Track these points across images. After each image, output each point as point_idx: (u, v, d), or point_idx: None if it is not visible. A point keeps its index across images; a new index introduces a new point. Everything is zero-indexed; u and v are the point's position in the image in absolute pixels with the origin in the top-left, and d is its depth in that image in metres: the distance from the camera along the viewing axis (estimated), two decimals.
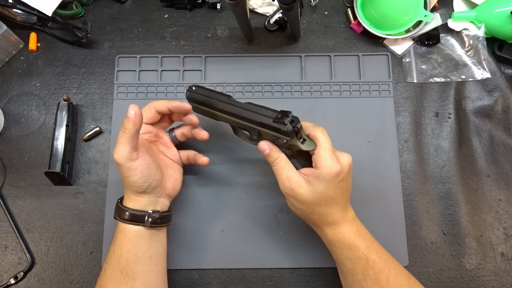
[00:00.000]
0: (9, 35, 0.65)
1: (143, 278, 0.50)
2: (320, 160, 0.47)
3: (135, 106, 0.47)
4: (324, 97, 0.67)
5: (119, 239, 0.50)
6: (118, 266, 0.49)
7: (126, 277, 0.49)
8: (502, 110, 0.67)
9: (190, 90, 0.55)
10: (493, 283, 0.60)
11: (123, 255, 0.49)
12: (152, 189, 0.51)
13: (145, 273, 0.50)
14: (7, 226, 0.61)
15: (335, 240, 0.50)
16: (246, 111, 0.51)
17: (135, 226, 0.50)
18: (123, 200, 0.52)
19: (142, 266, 0.50)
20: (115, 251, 0.50)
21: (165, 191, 0.53)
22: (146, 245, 0.51)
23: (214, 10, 0.71)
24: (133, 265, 0.49)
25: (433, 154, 0.65)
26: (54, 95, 0.67)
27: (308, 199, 0.48)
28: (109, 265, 0.50)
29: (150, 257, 0.51)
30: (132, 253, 0.49)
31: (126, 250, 0.49)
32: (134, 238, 0.50)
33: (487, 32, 0.69)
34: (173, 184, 0.55)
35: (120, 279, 0.49)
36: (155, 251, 0.52)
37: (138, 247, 0.50)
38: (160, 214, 0.51)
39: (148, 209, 0.51)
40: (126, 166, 0.48)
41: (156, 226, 0.51)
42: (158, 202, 0.52)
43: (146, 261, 0.50)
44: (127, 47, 0.69)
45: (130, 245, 0.50)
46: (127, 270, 0.49)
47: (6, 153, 0.65)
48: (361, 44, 0.70)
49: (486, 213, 0.63)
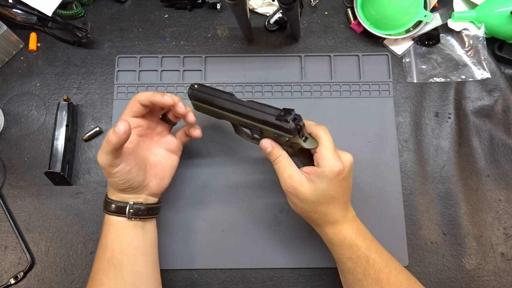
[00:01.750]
0: (9, 35, 0.65)
1: (130, 267, 0.50)
2: (322, 158, 0.48)
3: (125, 123, 0.44)
4: (324, 97, 0.67)
5: (105, 231, 0.51)
6: (105, 256, 0.50)
7: (113, 266, 0.49)
8: (502, 110, 0.67)
9: (192, 88, 0.55)
10: (493, 283, 0.60)
11: (108, 245, 0.50)
12: (132, 189, 0.51)
13: (132, 263, 0.50)
14: (7, 226, 0.61)
15: (335, 239, 0.50)
16: (249, 109, 0.51)
17: (118, 217, 0.51)
18: (107, 193, 0.53)
19: (128, 256, 0.50)
20: (101, 242, 0.51)
21: (148, 190, 0.53)
22: (131, 236, 0.51)
23: (214, 10, 0.71)
24: (119, 255, 0.50)
25: (433, 154, 0.65)
26: (54, 95, 0.67)
27: (310, 197, 0.48)
28: (97, 256, 0.51)
29: (136, 248, 0.51)
30: (117, 243, 0.50)
31: (110, 241, 0.50)
32: (118, 229, 0.51)
33: (487, 32, 0.69)
34: (158, 183, 0.54)
35: (107, 269, 0.49)
36: (142, 243, 0.52)
37: (122, 238, 0.51)
38: (145, 206, 0.52)
39: (129, 201, 0.51)
40: (107, 170, 0.48)
41: (139, 217, 0.51)
42: (139, 198, 0.52)
43: (132, 252, 0.51)
44: (127, 47, 0.69)
45: (114, 235, 0.51)
46: (113, 260, 0.50)
47: (6, 153, 0.65)
48: (361, 44, 0.70)
49: (486, 213, 0.63)
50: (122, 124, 0.44)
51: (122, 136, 0.44)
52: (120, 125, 0.44)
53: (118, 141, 0.45)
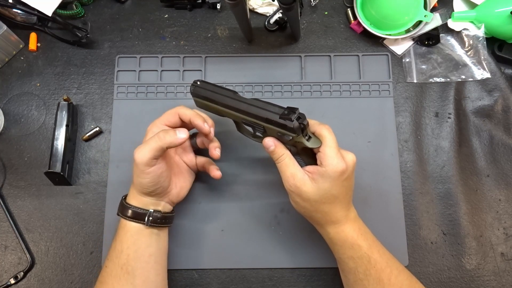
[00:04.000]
0: (9, 35, 0.65)
1: (142, 276, 0.50)
2: (325, 158, 0.47)
3: (186, 133, 0.50)
4: (324, 97, 0.67)
5: (120, 236, 0.51)
6: (119, 262, 0.50)
7: (126, 273, 0.49)
8: (502, 110, 0.67)
9: (194, 84, 0.54)
10: (493, 283, 0.60)
11: (124, 251, 0.50)
12: (156, 193, 0.52)
13: (144, 270, 0.50)
14: (7, 226, 0.61)
15: (337, 239, 0.50)
16: (252, 107, 0.51)
17: (136, 223, 0.51)
18: (127, 197, 0.53)
19: (141, 263, 0.50)
20: (115, 247, 0.51)
21: (168, 197, 0.54)
22: (146, 243, 0.51)
23: (214, 10, 0.71)
24: (133, 261, 0.50)
25: (433, 154, 0.65)
26: (54, 95, 0.67)
27: (312, 196, 0.48)
28: (109, 261, 0.51)
29: (150, 255, 0.51)
30: (132, 249, 0.50)
31: (126, 247, 0.50)
32: (134, 235, 0.51)
33: (487, 32, 0.69)
34: (178, 192, 0.55)
35: (120, 275, 0.49)
36: (155, 250, 0.52)
37: (138, 244, 0.51)
38: (162, 214, 0.52)
39: (149, 208, 0.51)
40: (140, 168, 0.49)
41: (156, 225, 0.52)
42: (159, 204, 0.53)
43: (145, 259, 0.51)
44: (127, 47, 0.69)
45: (130, 241, 0.50)
46: (127, 267, 0.49)
47: (6, 153, 0.64)
48: (361, 44, 0.70)
49: (486, 213, 0.63)
50: (184, 132, 0.49)
51: (178, 141, 0.49)
52: (182, 132, 0.49)
53: (172, 144, 0.48)
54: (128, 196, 0.53)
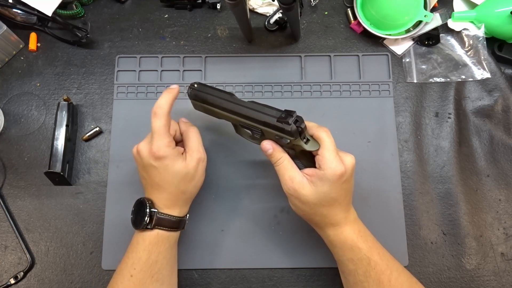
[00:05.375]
0: (9, 35, 0.65)
1: (167, 281, 0.51)
2: (324, 161, 0.47)
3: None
4: (324, 97, 0.67)
5: (157, 246, 0.50)
6: (151, 271, 0.49)
7: (155, 281, 0.49)
8: (502, 110, 0.67)
9: (191, 87, 0.54)
10: (493, 283, 0.60)
11: (159, 262, 0.50)
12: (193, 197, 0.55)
13: (170, 276, 0.52)
14: (7, 226, 0.61)
15: (337, 241, 0.50)
16: (250, 110, 0.50)
17: (172, 232, 0.52)
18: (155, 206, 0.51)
19: (170, 269, 0.52)
20: (150, 257, 0.49)
21: None
22: (175, 248, 0.53)
23: (214, 10, 0.71)
24: (165, 270, 0.51)
25: (433, 154, 0.65)
26: (54, 95, 0.67)
27: (311, 199, 0.48)
28: (138, 272, 0.49)
29: (175, 261, 0.54)
30: (166, 258, 0.51)
31: (162, 257, 0.50)
32: (173, 245, 0.52)
33: (487, 32, 0.69)
34: None
35: (148, 284, 0.49)
36: (175, 255, 0.54)
37: (171, 253, 0.52)
38: None
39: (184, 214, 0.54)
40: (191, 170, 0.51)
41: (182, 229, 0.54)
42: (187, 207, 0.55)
43: (172, 265, 0.52)
44: (127, 47, 0.69)
45: (164, 250, 0.51)
46: (158, 275, 0.50)
47: (6, 153, 0.64)
48: (361, 44, 0.70)
49: (486, 213, 0.63)
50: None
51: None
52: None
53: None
54: (158, 206, 0.51)
